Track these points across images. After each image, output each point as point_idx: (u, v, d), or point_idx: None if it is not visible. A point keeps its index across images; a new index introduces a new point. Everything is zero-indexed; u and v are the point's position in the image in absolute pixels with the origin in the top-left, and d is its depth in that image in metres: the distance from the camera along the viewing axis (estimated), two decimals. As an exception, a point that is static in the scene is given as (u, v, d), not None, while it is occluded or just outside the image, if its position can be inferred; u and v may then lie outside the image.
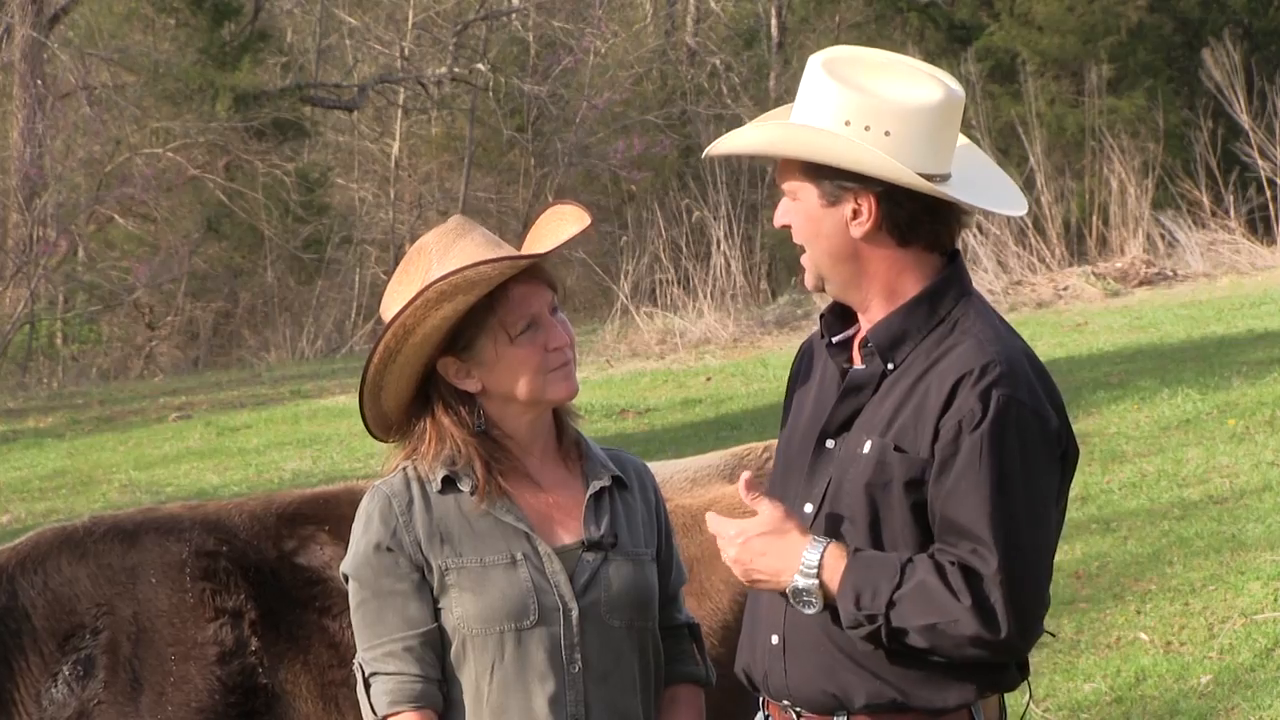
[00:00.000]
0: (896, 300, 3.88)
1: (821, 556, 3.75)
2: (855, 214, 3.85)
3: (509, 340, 3.92)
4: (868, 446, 3.81)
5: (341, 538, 4.71)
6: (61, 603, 4.68)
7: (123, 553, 4.72)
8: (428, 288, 3.86)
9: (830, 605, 3.77)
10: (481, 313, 3.90)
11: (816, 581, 3.74)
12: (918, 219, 3.87)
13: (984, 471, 3.72)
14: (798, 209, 3.90)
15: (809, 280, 3.95)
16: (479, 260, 3.89)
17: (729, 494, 4.98)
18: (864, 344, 3.89)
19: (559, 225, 4.03)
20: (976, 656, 3.75)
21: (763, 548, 3.78)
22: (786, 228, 3.94)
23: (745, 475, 3.84)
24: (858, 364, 3.91)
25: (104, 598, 4.67)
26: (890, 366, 3.85)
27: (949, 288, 3.90)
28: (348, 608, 4.60)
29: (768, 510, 3.80)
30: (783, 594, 3.79)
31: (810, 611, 3.76)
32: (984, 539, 3.70)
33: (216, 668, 4.62)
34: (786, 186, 3.92)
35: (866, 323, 3.91)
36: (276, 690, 4.64)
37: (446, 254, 3.93)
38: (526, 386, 3.94)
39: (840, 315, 3.98)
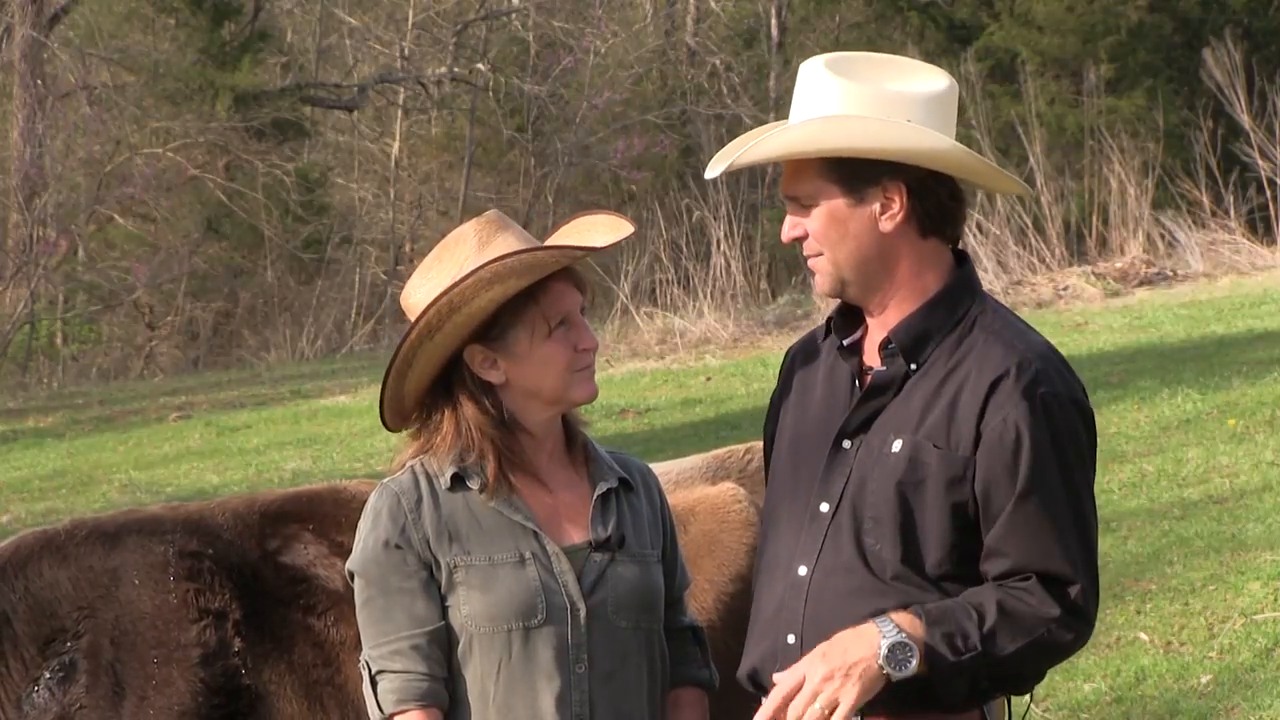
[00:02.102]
0: (919, 297, 3.85)
1: (892, 620, 3.71)
2: (885, 207, 3.81)
3: (546, 334, 3.92)
4: (898, 445, 3.78)
5: (325, 536, 4.70)
6: (42, 607, 4.63)
7: (104, 555, 4.67)
8: (482, 267, 3.85)
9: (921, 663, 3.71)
10: (522, 303, 3.90)
11: (904, 635, 3.68)
12: (944, 207, 3.86)
13: (1057, 489, 3.73)
14: (817, 214, 3.82)
15: (827, 287, 3.87)
16: (535, 246, 3.89)
17: (711, 495, 4.96)
18: (885, 345, 3.86)
19: (594, 233, 4.01)
20: (1071, 651, 3.80)
21: (841, 646, 3.70)
22: (798, 240, 3.86)
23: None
24: (878, 365, 3.86)
25: (85, 601, 4.63)
26: (913, 367, 3.83)
27: (964, 287, 3.90)
28: (332, 606, 4.58)
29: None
30: (883, 674, 3.68)
31: (909, 669, 3.67)
32: (1070, 548, 3.73)
33: (200, 670, 4.58)
34: (801, 192, 3.84)
35: (882, 324, 3.87)
36: (260, 691, 4.60)
37: (487, 245, 3.93)
38: (552, 384, 3.94)
39: (847, 317, 3.95)
